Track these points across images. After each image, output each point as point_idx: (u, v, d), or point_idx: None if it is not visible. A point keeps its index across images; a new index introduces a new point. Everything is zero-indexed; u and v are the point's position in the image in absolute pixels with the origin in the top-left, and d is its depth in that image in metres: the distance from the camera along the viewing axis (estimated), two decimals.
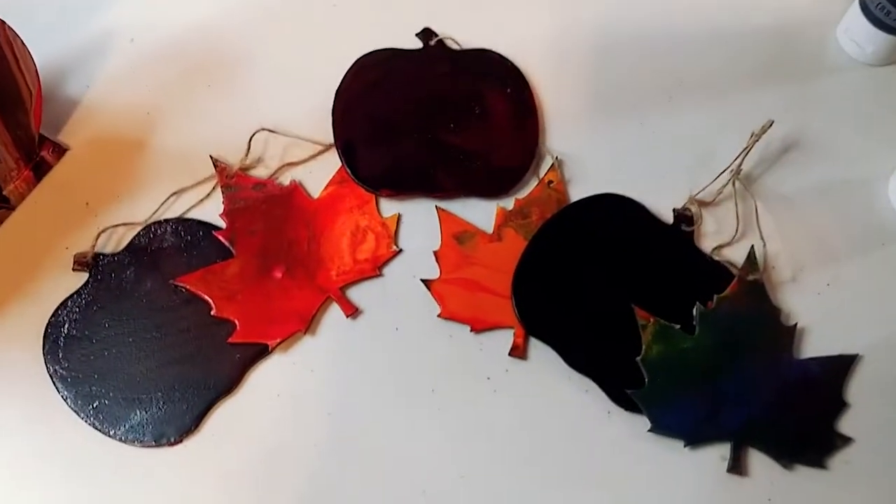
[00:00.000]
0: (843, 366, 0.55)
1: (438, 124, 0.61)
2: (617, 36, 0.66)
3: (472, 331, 0.55)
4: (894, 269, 0.58)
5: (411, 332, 0.56)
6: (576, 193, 0.60)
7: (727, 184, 0.59)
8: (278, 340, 0.54)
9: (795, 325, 0.56)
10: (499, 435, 0.53)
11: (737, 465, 0.53)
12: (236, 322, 0.54)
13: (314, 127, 0.61)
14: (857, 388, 0.54)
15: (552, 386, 0.54)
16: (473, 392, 0.54)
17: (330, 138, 0.61)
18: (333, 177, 0.60)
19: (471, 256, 0.57)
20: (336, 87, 0.62)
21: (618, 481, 0.52)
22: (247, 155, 0.60)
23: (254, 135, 0.60)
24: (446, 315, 0.55)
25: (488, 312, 0.56)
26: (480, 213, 0.59)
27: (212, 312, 0.54)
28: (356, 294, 0.57)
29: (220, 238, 0.57)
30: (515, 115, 0.62)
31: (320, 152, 0.61)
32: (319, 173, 0.60)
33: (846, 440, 0.53)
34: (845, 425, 0.53)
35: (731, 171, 0.59)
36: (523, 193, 0.60)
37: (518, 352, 0.55)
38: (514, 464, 0.52)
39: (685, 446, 0.53)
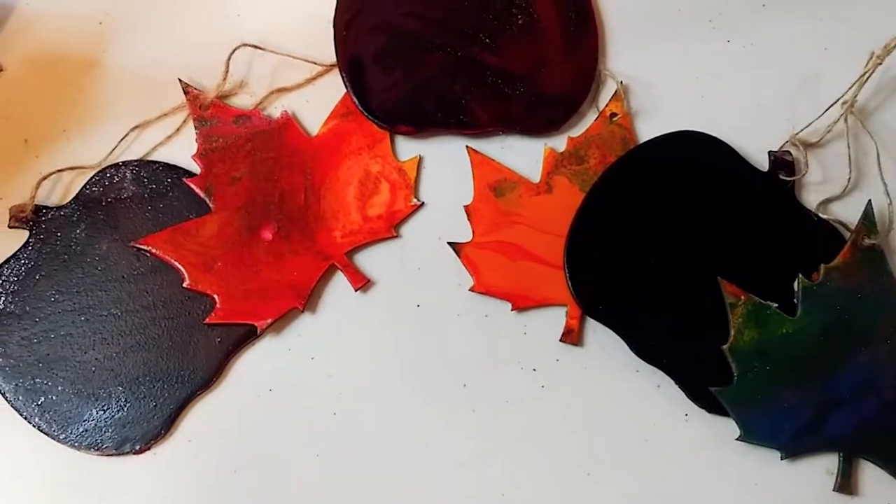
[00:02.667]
0: None
1: (471, 38, 0.50)
2: None
3: (513, 309, 0.46)
4: None
5: (436, 310, 0.47)
6: (646, 131, 0.50)
7: (838, 119, 0.49)
8: (269, 321, 0.45)
9: None
10: (548, 442, 0.45)
11: (847, 483, 0.44)
12: (215, 297, 0.45)
13: (311, 42, 0.51)
14: None
15: (615, 380, 0.46)
16: (516, 387, 0.45)
17: (331, 56, 0.51)
18: (336, 107, 0.50)
19: (512, 213, 0.47)
20: None
21: (697, 501, 0.44)
22: (225, 78, 0.50)
23: (234, 51, 0.50)
24: (481, 289, 0.46)
25: (534, 286, 0.47)
26: (525, 155, 0.49)
27: (184, 284, 0.46)
28: (367, 261, 0.48)
29: (194, 187, 0.47)
30: (568, 26, 0.51)
31: (319, 75, 0.51)
32: (319, 102, 0.50)
33: None
34: None
35: (844, 102, 0.48)
36: (579, 130, 0.50)
37: (572, 337, 0.46)
38: (568, 479, 0.44)
39: (783, 458, 0.44)
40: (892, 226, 0.48)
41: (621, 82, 0.50)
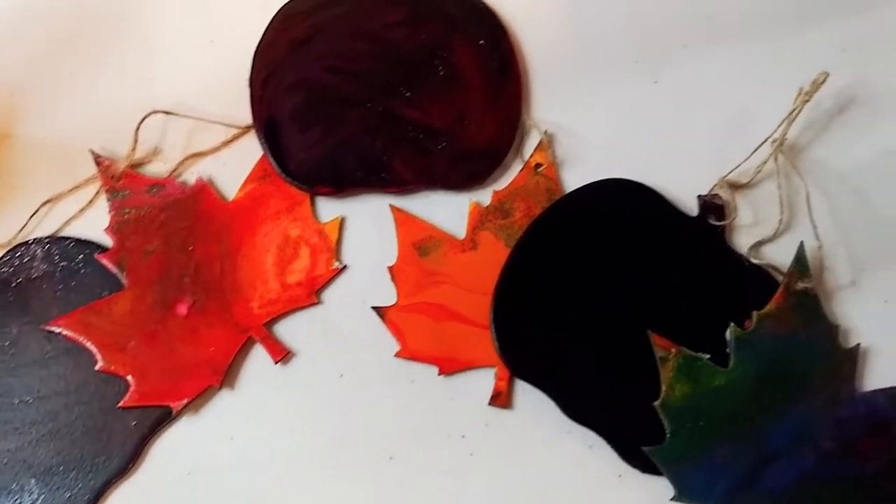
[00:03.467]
0: None
1: (391, 92, 0.49)
2: None
3: (440, 374, 0.45)
4: None
5: (361, 378, 0.46)
6: (572, 180, 0.49)
7: (768, 159, 0.48)
8: (186, 400, 0.44)
9: (858, 345, 0.45)
10: None
11: None
12: (129, 379, 0.44)
13: (226, 104, 0.50)
14: None
15: (546, 443, 0.45)
16: (444, 456, 0.44)
17: (248, 118, 0.49)
18: (253, 170, 0.49)
19: (437, 273, 0.46)
20: (254, 48, 0.50)
21: None
22: (134, 147, 0.49)
23: (144, 119, 0.49)
24: (406, 354, 0.45)
25: (461, 348, 0.46)
26: (449, 211, 0.48)
27: (97, 366, 0.44)
28: (287, 331, 0.46)
29: (106, 262, 0.46)
30: (491, 76, 0.50)
31: (236, 137, 0.50)
32: (235, 166, 0.49)
33: None
34: None
35: (773, 141, 0.47)
36: (504, 183, 0.49)
37: (501, 400, 0.45)
38: None
39: None
40: (823, 268, 0.47)
41: (546, 131, 0.49)
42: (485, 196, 0.48)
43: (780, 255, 0.47)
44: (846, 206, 0.49)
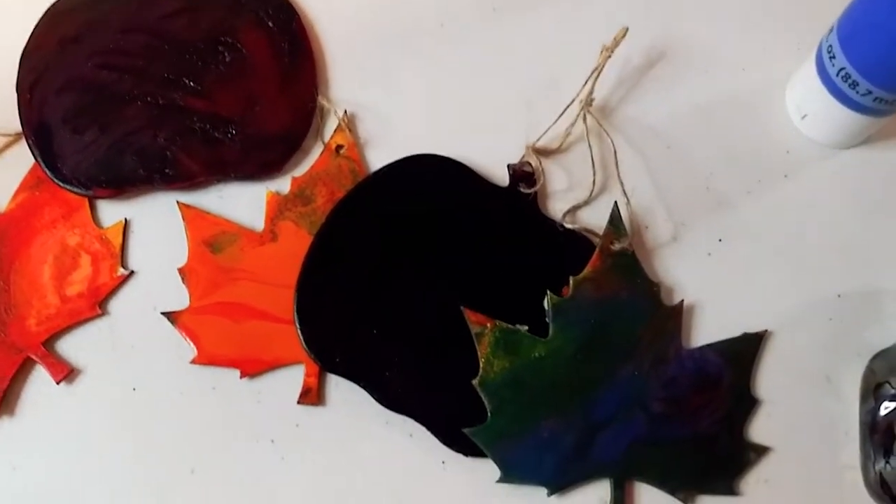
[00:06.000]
0: (748, 349, 0.45)
1: (173, 84, 0.47)
2: None
3: (242, 376, 0.43)
4: (802, 206, 0.47)
5: (156, 390, 0.43)
6: (379, 160, 0.48)
7: (576, 120, 0.47)
8: None
9: (682, 302, 0.45)
10: None
11: None
12: None
13: None
14: (770, 377, 0.45)
15: (363, 437, 0.43)
16: (253, 463, 0.42)
17: (16, 125, 0.47)
18: (25, 179, 0.46)
19: (234, 269, 0.43)
20: (21, 50, 0.47)
21: None
22: None
23: None
24: (203, 360, 0.43)
25: (264, 347, 0.44)
26: (244, 203, 0.47)
27: None
28: (69, 347, 0.44)
29: None
30: (282, 58, 0.49)
31: (6, 146, 0.47)
32: (7, 177, 0.46)
33: (762, 450, 0.44)
34: (759, 430, 0.44)
35: (580, 101, 0.47)
36: (303, 168, 0.47)
37: (311, 397, 0.43)
38: None
39: (549, 495, 0.42)
40: (642, 227, 0.47)
41: (345, 111, 0.48)
42: (283, 184, 0.47)
43: (597, 219, 0.47)
44: (662, 163, 0.49)
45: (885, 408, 0.42)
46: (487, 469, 0.42)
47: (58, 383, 0.42)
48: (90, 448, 0.42)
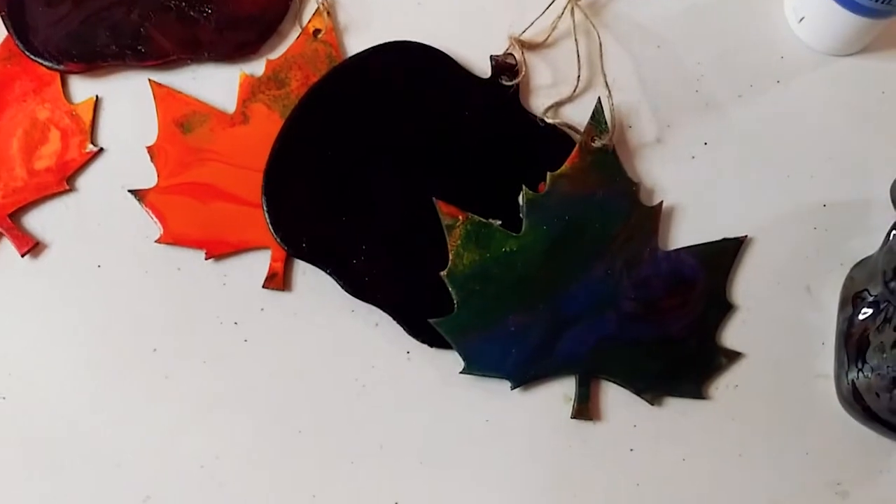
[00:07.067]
0: (726, 254, 0.45)
1: None
2: None
3: (208, 257, 0.43)
4: (793, 113, 0.46)
5: (120, 268, 0.43)
6: (357, 47, 0.47)
7: (563, 14, 0.46)
8: None
9: (661, 203, 0.45)
10: (257, 402, 0.42)
11: (584, 407, 0.42)
12: None
13: None
14: (746, 283, 0.44)
15: (329, 324, 0.43)
16: (215, 346, 0.43)
17: None
18: None
19: (203, 150, 0.43)
20: None
21: (425, 445, 0.42)
22: None
23: None
24: (169, 239, 0.43)
25: (231, 229, 0.44)
26: (217, 85, 0.46)
27: None
28: (35, 221, 0.44)
29: None
30: None
31: None
32: None
33: (734, 356, 0.44)
34: (731, 335, 0.44)
35: None
36: (279, 52, 0.47)
37: (277, 281, 0.43)
38: (278, 440, 0.41)
39: (513, 388, 0.42)
40: (626, 126, 0.46)
41: None
42: (257, 67, 0.46)
43: (579, 116, 0.46)
44: (650, 63, 0.48)
45: (863, 314, 0.41)
46: (451, 360, 0.42)
47: (22, 256, 0.42)
48: (52, 323, 0.42)
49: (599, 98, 0.45)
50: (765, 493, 0.42)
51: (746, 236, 0.45)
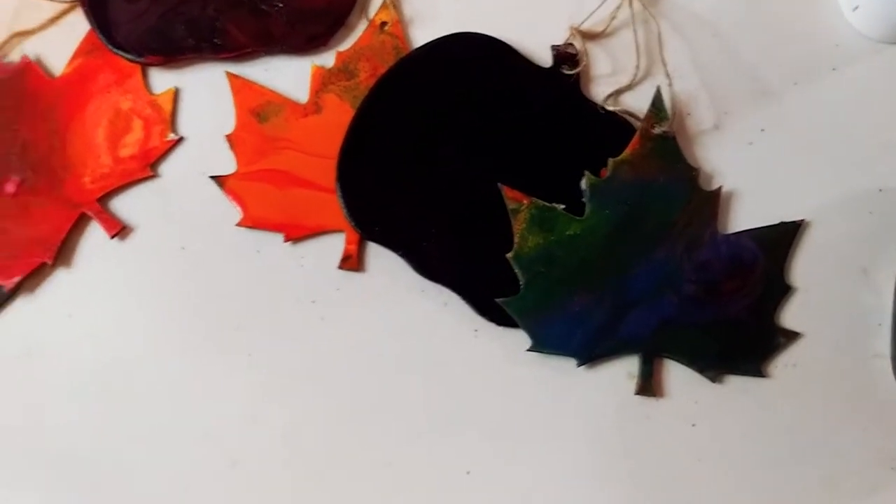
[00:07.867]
0: (784, 237, 0.46)
1: None
2: None
3: (286, 240, 0.45)
4: (848, 100, 0.47)
5: (203, 250, 0.46)
6: (422, 38, 0.48)
7: (622, 4, 0.48)
8: (17, 279, 0.44)
9: (720, 188, 0.46)
10: (333, 377, 0.44)
11: (648, 384, 0.44)
12: None
13: None
14: (804, 266, 0.46)
15: (400, 303, 0.45)
16: (295, 323, 0.45)
17: None
18: (81, 45, 0.48)
19: (279, 138, 0.45)
20: None
21: (494, 419, 0.44)
22: None
23: None
24: (249, 223, 0.45)
25: (307, 214, 0.46)
26: (290, 76, 0.48)
27: None
28: (122, 205, 0.46)
29: None
30: None
31: (63, 13, 0.49)
32: (62, 43, 0.48)
33: (792, 336, 0.45)
34: (790, 316, 0.45)
35: None
36: (347, 44, 0.48)
37: (351, 262, 0.45)
38: (356, 414, 0.44)
39: (578, 366, 0.44)
40: (684, 113, 0.47)
41: None
42: (328, 59, 0.48)
43: (639, 104, 0.47)
44: (707, 51, 0.49)
45: None
46: (518, 338, 0.44)
47: (111, 238, 0.45)
48: (139, 301, 0.45)
49: (658, 86, 0.47)
50: (821, 469, 0.43)
51: (804, 220, 0.46)
